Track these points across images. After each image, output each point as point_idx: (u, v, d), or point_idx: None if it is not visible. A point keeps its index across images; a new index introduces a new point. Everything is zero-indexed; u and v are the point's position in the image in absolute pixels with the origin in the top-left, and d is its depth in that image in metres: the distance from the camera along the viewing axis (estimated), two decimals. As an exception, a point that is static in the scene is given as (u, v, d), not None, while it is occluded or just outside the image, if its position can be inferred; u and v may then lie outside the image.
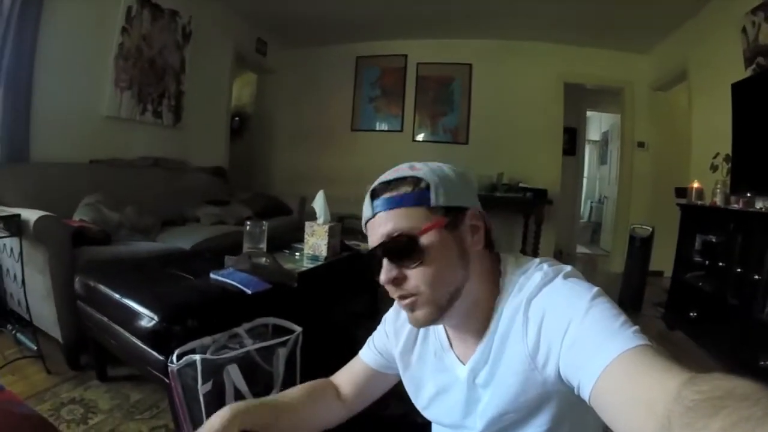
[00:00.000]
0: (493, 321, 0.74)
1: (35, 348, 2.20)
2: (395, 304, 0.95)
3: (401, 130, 6.02)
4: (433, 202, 0.71)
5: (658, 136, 5.35)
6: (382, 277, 0.72)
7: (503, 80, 5.67)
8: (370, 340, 1.01)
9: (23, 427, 0.93)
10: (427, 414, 0.89)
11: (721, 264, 2.84)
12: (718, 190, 3.14)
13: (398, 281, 0.72)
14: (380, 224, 0.73)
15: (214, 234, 3.20)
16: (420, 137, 5.99)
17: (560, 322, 0.61)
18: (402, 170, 0.75)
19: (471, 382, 0.77)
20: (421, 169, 0.74)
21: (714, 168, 3.61)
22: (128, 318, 1.72)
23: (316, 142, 6.35)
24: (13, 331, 2.42)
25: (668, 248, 3.65)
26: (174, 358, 1.48)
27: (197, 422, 1.46)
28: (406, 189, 0.73)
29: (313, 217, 2.59)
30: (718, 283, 2.87)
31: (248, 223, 2.43)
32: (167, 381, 1.52)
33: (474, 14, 4.90)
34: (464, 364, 0.79)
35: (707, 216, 3.22)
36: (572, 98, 5.82)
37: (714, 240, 3.01)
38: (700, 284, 3.06)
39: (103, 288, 1.89)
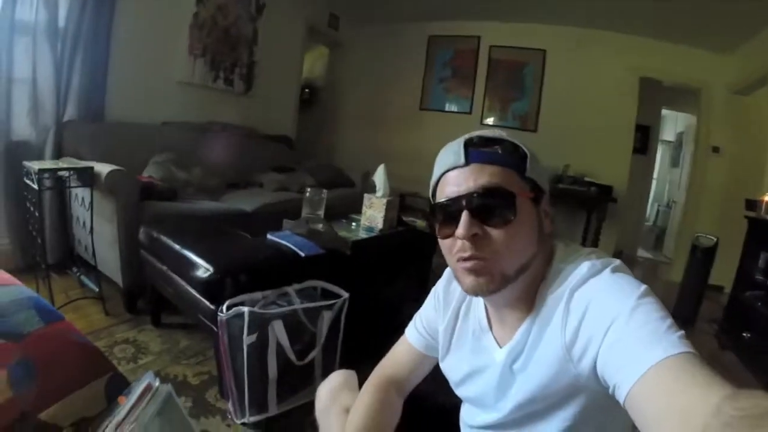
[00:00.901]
0: (535, 307, 0.71)
1: (97, 290, 2.34)
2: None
3: (470, 113, 5.87)
4: (528, 172, 0.71)
5: (734, 143, 4.89)
6: (461, 231, 0.67)
7: (577, 69, 5.37)
8: (417, 321, 0.98)
9: (77, 353, 0.98)
10: (459, 392, 0.88)
11: (783, 286, 2.57)
12: (791, 207, 2.83)
13: (477, 238, 0.67)
14: (474, 174, 0.69)
15: (276, 199, 3.23)
16: (489, 121, 5.80)
17: (603, 319, 0.58)
18: (498, 133, 0.73)
19: (507, 367, 0.75)
20: (514, 139, 0.73)
21: (790, 182, 3.27)
22: (186, 268, 1.78)
23: (384, 118, 6.32)
24: (78, 274, 2.60)
25: (732, 262, 3.35)
26: (224, 308, 1.52)
27: (239, 371, 1.50)
28: (506, 150, 0.71)
29: (373, 191, 2.58)
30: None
31: (309, 189, 2.45)
32: (215, 329, 1.56)
33: (550, -1, 4.67)
34: (501, 347, 0.77)
35: (775, 233, 2.91)
36: (648, 94, 5.42)
37: (779, 260, 2.73)
38: (759, 305, 2.80)
39: (165, 239, 1.96)
